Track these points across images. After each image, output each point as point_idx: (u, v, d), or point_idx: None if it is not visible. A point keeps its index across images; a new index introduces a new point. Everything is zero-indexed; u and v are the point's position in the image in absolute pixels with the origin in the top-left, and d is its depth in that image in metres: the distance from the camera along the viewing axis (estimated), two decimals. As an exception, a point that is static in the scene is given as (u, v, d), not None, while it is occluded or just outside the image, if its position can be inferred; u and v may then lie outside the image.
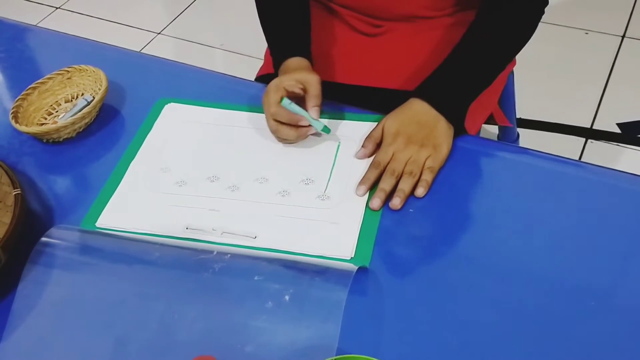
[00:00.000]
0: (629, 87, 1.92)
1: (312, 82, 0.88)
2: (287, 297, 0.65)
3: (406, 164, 0.82)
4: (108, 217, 0.84)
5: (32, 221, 0.85)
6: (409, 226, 0.79)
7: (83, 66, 1.02)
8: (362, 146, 0.87)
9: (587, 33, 2.08)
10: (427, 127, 0.85)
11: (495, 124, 1.18)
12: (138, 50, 2.04)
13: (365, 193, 0.82)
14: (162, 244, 0.77)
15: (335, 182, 0.85)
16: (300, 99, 0.88)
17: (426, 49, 1.05)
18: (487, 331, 0.67)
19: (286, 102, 0.85)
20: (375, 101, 0.97)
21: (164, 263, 0.73)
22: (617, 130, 1.79)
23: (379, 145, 0.86)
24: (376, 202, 0.79)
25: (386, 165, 0.83)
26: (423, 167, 0.82)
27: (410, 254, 0.76)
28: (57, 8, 2.59)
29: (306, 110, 0.87)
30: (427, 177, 0.82)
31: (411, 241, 0.77)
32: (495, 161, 0.87)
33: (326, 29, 1.11)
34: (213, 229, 0.80)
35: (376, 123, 0.90)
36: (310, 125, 0.87)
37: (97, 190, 0.88)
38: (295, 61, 0.94)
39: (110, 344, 0.67)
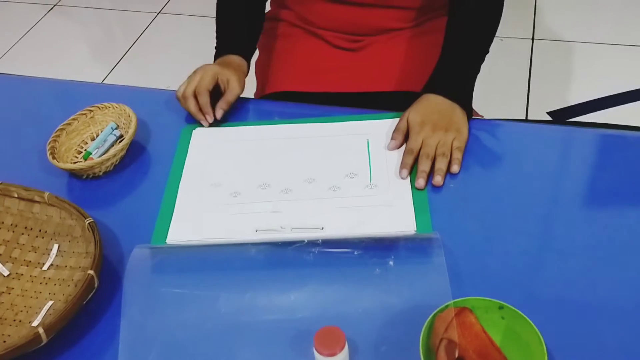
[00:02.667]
0: (548, 81, 2.17)
1: (234, 90, 1.06)
2: (391, 263, 0.74)
3: (436, 147, 0.94)
4: (176, 233, 0.89)
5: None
6: (453, 197, 0.91)
7: (105, 104, 1.06)
8: (392, 138, 0.98)
9: (502, 39, 2.33)
10: (447, 114, 0.97)
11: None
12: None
13: (408, 176, 0.93)
14: (247, 245, 0.84)
15: (377, 172, 0.95)
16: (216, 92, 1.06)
17: (404, 54, 1.19)
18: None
19: None
20: (371, 104, 1.09)
21: (263, 258, 0.80)
22: (549, 118, 2.01)
23: (405, 136, 0.98)
24: (422, 182, 0.90)
25: (419, 151, 0.94)
26: (452, 148, 0.95)
27: (460, 218, 0.88)
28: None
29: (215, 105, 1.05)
30: (458, 155, 0.94)
31: (458, 208, 0.89)
32: (502, 136, 1.02)
33: (310, 49, 1.22)
34: (281, 227, 0.88)
35: (392, 119, 1.02)
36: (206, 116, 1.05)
37: (151, 213, 0.93)
38: (237, 59, 1.11)
39: (236, 328, 0.74)
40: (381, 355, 0.70)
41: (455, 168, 0.93)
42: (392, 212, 0.88)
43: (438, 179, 0.91)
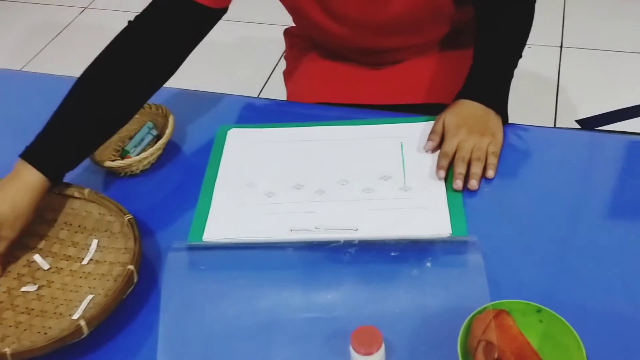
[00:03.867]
0: (576, 89, 2.16)
1: (3, 241, 0.85)
2: (428, 264, 0.74)
3: (472, 151, 0.94)
4: (212, 231, 0.90)
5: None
6: (488, 201, 0.91)
7: (143, 103, 1.08)
8: (428, 139, 0.98)
9: (529, 47, 2.32)
10: (482, 119, 0.98)
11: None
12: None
13: (444, 177, 0.93)
14: (283, 244, 0.85)
15: (411, 175, 0.95)
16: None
17: (433, 67, 1.18)
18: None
19: None
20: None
21: (300, 256, 0.81)
22: (577, 126, 2.00)
23: (441, 138, 0.98)
24: (459, 183, 0.91)
25: (454, 154, 0.95)
26: (487, 152, 0.95)
27: (495, 222, 0.88)
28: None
29: None
30: (493, 160, 0.94)
31: (493, 213, 0.89)
32: (533, 142, 1.02)
33: (335, 63, 1.22)
34: (316, 227, 0.89)
35: (425, 122, 1.03)
36: None
37: (186, 211, 0.95)
38: (35, 178, 0.86)
39: (273, 325, 0.75)
40: (418, 355, 0.71)
41: (490, 173, 0.93)
42: (427, 215, 0.89)
43: (474, 183, 0.91)
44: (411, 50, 1.17)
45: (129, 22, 0.97)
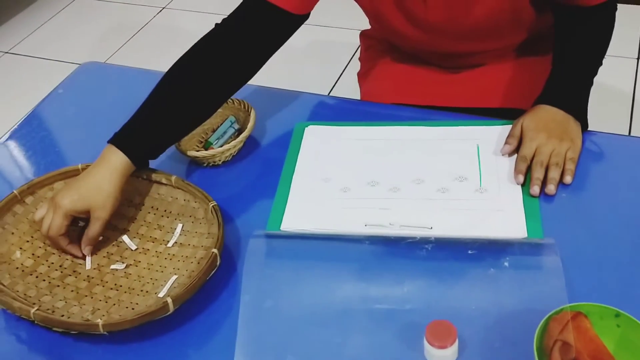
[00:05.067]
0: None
1: (98, 221, 0.90)
2: (506, 264, 0.75)
3: (550, 156, 0.95)
4: (290, 221, 0.94)
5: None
6: (564, 206, 0.91)
7: (226, 98, 1.13)
8: (506, 142, 0.99)
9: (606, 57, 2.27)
10: (562, 125, 0.97)
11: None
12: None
13: (522, 182, 0.93)
14: (360, 237, 0.87)
15: (487, 177, 0.96)
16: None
17: (510, 71, 1.19)
18: None
19: None
20: None
21: (376, 250, 0.83)
22: (653, 140, 1.95)
23: (519, 143, 0.98)
24: (537, 189, 0.91)
25: (532, 158, 0.95)
26: (565, 157, 0.95)
27: (571, 227, 0.88)
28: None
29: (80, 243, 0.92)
30: (571, 166, 0.94)
31: (569, 217, 0.89)
32: (613, 150, 1.01)
33: (410, 65, 1.24)
34: (390, 224, 0.91)
35: (502, 126, 1.03)
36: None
37: (265, 202, 0.98)
38: (120, 161, 0.91)
39: (348, 314, 0.77)
40: (492, 351, 0.72)
41: (568, 179, 0.93)
42: (503, 217, 0.89)
43: (551, 188, 0.92)
44: (489, 54, 1.17)
45: (216, 24, 1.02)
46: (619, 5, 1.08)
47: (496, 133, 1.03)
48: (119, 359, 0.82)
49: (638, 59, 2.29)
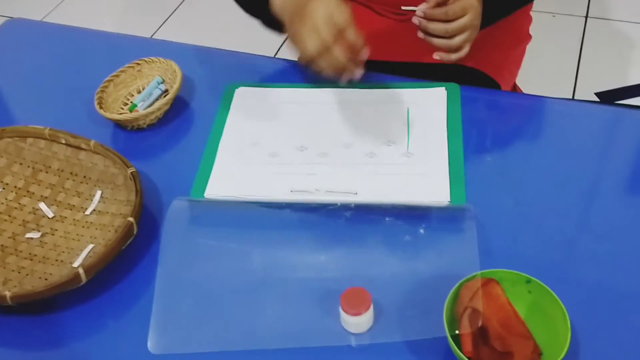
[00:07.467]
0: (598, 62, 2.11)
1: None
2: (422, 231, 0.75)
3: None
4: (214, 188, 0.91)
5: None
6: (489, 171, 0.91)
7: (153, 58, 1.09)
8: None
9: (554, 16, 2.27)
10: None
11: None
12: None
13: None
14: (282, 204, 0.86)
15: (415, 141, 0.95)
16: None
17: None
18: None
19: None
20: (414, 74, 1.08)
21: (297, 218, 0.82)
22: (596, 99, 1.96)
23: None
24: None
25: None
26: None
27: (495, 193, 0.88)
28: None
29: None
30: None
31: (493, 183, 0.89)
32: (546, 113, 1.01)
33: (356, 16, 1.20)
34: (316, 189, 0.89)
35: (434, 89, 1.02)
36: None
37: (190, 167, 0.95)
38: None
39: (266, 283, 0.76)
40: (405, 319, 0.72)
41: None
42: (427, 182, 0.89)
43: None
44: None
45: None
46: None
47: (427, 97, 1.02)
48: (32, 332, 0.79)
49: (586, 17, 2.29)
